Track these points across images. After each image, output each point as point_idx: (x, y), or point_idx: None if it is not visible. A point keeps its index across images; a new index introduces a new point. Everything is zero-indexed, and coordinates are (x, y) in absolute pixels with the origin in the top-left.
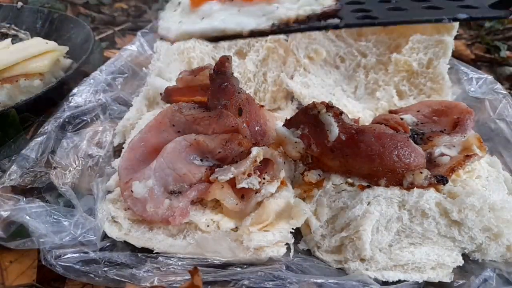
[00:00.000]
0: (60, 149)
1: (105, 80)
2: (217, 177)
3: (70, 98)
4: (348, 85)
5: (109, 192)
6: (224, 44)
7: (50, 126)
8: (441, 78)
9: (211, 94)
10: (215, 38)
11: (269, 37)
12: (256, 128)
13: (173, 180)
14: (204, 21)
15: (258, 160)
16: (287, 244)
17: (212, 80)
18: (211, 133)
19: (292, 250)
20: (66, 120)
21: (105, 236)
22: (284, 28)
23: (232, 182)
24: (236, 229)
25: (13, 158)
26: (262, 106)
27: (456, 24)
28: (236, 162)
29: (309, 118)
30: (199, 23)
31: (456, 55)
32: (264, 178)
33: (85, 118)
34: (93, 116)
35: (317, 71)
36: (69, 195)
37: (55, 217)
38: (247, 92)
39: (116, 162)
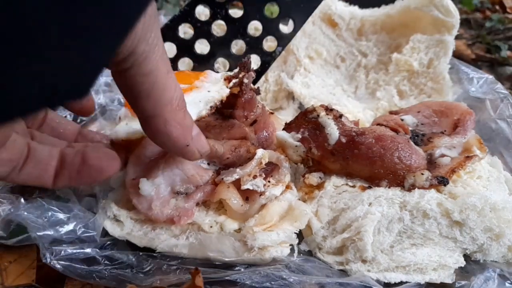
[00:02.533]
0: None
1: (104, 80)
2: (222, 178)
3: None
4: (349, 85)
5: (110, 190)
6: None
7: None
8: (441, 78)
9: (241, 104)
10: None
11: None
12: (263, 136)
13: (181, 181)
14: None
15: (263, 162)
16: (291, 245)
17: (243, 92)
18: (221, 140)
19: (296, 251)
20: None
21: (106, 233)
22: (220, 105)
23: (237, 184)
24: (239, 230)
25: None
26: (272, 113)
27: (457, 24)
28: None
29: (308, 122)
30: None
31: (457, 54)
32: (269, 181)
33: (84, 119)
34: (92, 117)
35: (317, 71)
36: (66, 193)
37: (53, 212)
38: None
39: None
